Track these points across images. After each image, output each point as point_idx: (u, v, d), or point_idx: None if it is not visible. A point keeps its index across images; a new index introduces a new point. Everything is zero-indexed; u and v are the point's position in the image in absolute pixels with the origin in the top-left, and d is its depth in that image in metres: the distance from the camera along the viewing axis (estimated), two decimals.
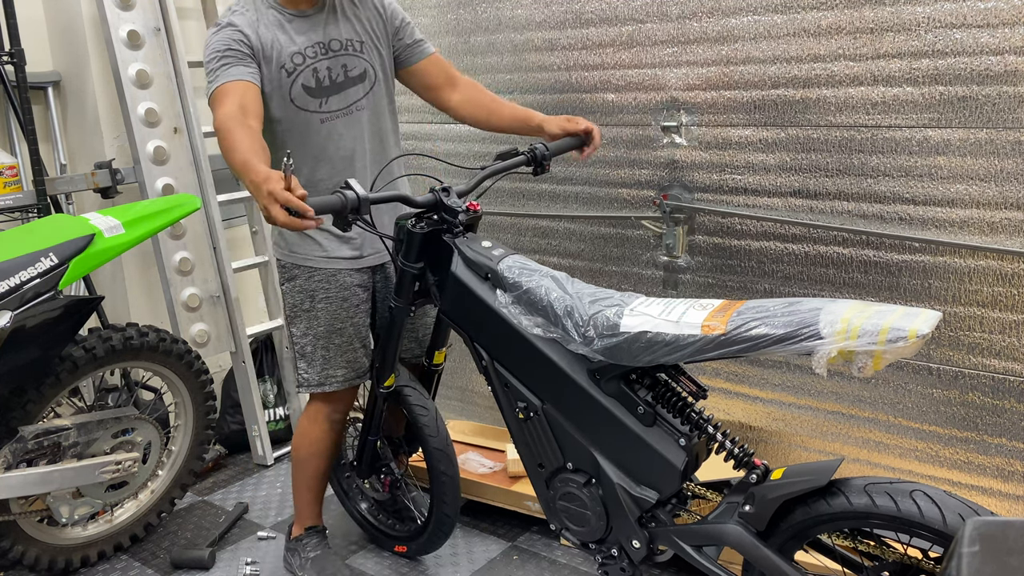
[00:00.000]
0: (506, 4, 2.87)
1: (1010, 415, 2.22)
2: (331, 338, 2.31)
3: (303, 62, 2.18)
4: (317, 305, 2.30)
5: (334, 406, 2.39)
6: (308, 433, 2.41)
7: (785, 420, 2.58)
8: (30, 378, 2.36)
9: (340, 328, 2.31)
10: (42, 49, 3.18)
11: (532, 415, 1.97)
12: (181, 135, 3.11)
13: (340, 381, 2.34)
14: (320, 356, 2.32)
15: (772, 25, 2.36)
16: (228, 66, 2.07)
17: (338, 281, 2.30)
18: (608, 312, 1.80)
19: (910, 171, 2.25)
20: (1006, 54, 2.06)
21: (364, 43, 2.28)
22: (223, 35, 2.10)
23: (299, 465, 2.45)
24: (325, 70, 2.21)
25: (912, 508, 1.54)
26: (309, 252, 2.29)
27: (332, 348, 2.31)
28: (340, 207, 1.84)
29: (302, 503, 2.51)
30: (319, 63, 2.20)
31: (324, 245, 2.29)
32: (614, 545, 1.95)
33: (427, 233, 2.07)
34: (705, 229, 2.61)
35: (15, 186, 2.87)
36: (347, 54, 2.24)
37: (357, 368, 2.36)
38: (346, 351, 2.32)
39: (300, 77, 2.17)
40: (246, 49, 2.10)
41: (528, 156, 2.25)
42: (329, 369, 2.33)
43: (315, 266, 2.29)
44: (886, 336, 1.45)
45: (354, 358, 2.34)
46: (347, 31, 2.25)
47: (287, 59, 2.16)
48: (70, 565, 2.57)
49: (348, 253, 2.30)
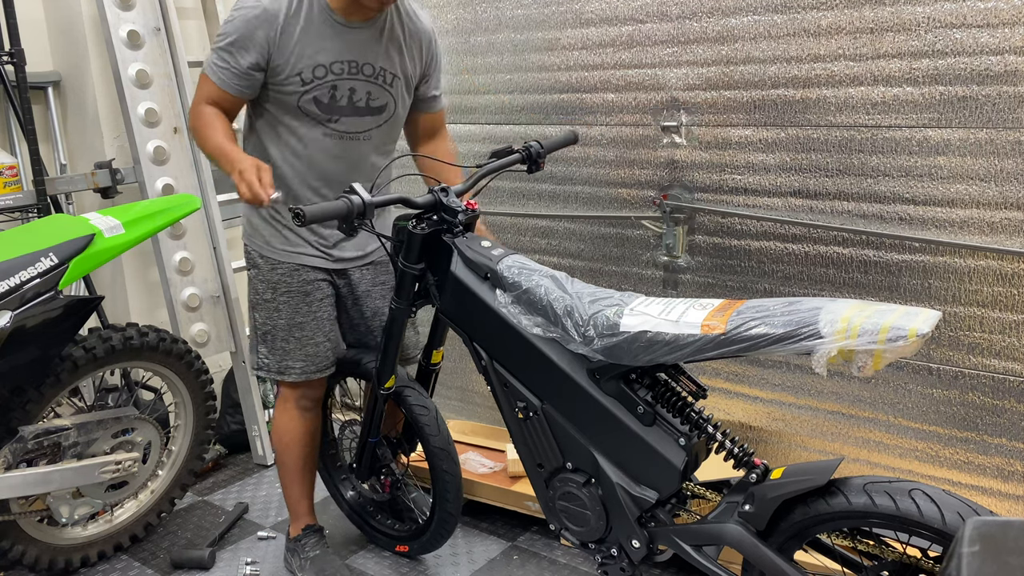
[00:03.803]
0: (506, 4, 2.87)
1: (1010, 415, 2.22)
2: (291, 331, 2.31)
3: (324, 76, 2.12)
4: (279, 298, 2.30)
5: (301, 393, 2.40)
6: (279, 423, 2.44)
7: (785, 420, 2.58)
8: (30, 378, 2.36)
9: (301, 323, 2.31)
10: (42, 49, 3.18)
11: (531, 415, 1.97)
12: (181, 135, 3.11)
13: (298, 373, 2.34)
14: (280, 347, 2.32)
15: (772, 25, 2.36)
16: (230, 64, 2.08)
17: (300, 276, 2.29)
18: (608, 312, 1.80)
19: (910, 171, 2.25)
20: (1006, 54, 2.06)
21: (398, 78, 2.23)
22: (246, 18, 2.05)
23: (279, 458, 2.48)
24: (347, 90, 2.15)
25: (911, 507, 1.54)
26: (273, 242, 2.29)
27: (292, 341, 2.31)
28: (346, 212, 1.84)
29: (291, 500, 2.52)
30: (341, 81, 2.14)
31: (289, 238, 2.28)
32: (614, 545, 1.95)
33: (428, 234, 2.07)
34: (705, 229, 2.61)
35: (15, 186, 2.87)
36: (375, 83, 2.19)
37: (318, 362, 2.35)
38: (306, 345, 2.32)
39: (314, 91, 2.13)
40: (257, 51, 2.06)
41: (523, 154, 2.25)
42: (288, 360, 2.33)
43: (278, 258, 2.29)
44: (886, 335, 1.45)
45: (315, 352, 2.33)
46: (387, 60, 2.19)
47: (307, 69, 2.10)
48: (70, 565, 2.57)
49: (312, 251, 2.30)
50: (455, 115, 3.09)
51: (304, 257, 2.29)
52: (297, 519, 2.53)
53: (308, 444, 2.45)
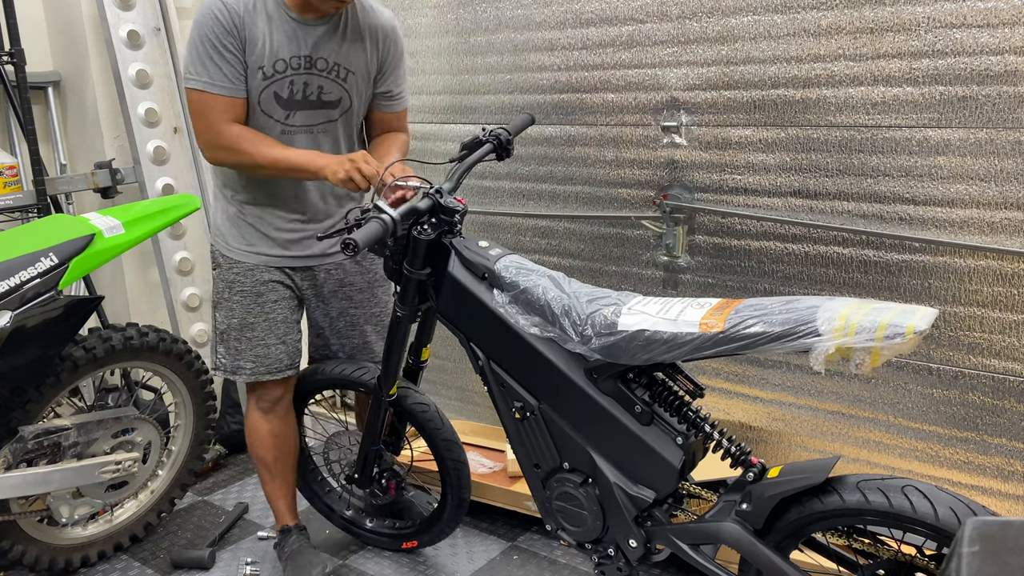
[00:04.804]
0: (506, 4, 2.87)
1: (1010, 415, 2.22)
2: (243, 331, 2.32)
3: (284, 70, 2.13)
4: (234, 297, 2.31)
5: (258, 394, 2.41)
6: (246, 424, 2.47)
7: (785, 420, 2.58)
8: (30, 378, 2.36)
9: (252, 323, 2.31)
10: (42, 49, 3.19)
11: (528, 415, 1.97)
12: (181, 135, 3.12)
13: (248, 373, 2.34)
14: (233, 347, 2.35)
15: (772, 25, 2.36)
16: (222, 70, 2.06)
17: (254, 276, 2.30)
18: (606, 311, 1.80)
19: (910, 171, 2.24)
20: (1006, 54, 2.06)
21: (353, 73, 2.22)
22: (214, 18, 2.04)
23: (252, 458, 2.50)
24: (301, 84, 2.16)
25: (904, 503, 1.54)
26: (232, 242, 2.30)
27: (244, 340, 2.33)
28: (383, 233, 1.85)
29: (268, 500, 2.54)
30: (298, 76, 2.15)
31: (247, 237, 2.29)
32: (611, 545, 1.95)
33: (432, 239, 2.04)
34: (705, 229, 2.61)
35: (15, 186, 2.87)
36: (328, 78, 2.19)
37: (268, 363, 2.34)
38: (256, 346, 2.33)
39: (274, 85, 2.13)
40: (234, 46, 2.06)
41: (493, 143, 2.22)
42: (239, 360, 2.35)
43: (235, 258, 2.30)
44: (884, 332, 1.45)
45: (265, 353, 2.33)
46: (340, 55, 2.18)
47: (268, 63, 2.10)
48: (70, 565, 2.57)
49: (268, 250, 2.30)
50: (455, 115, 3.10)
51: (260, 257, 2.29)
52: (276, 519, 2.56)
53: (272, 446, 2.45)
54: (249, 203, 2.27)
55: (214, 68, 2.06)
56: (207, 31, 2.05)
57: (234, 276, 2.31)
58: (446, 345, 3.31)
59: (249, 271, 2.30)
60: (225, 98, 2.09)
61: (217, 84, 2.08)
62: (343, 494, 2.71)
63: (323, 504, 2.70)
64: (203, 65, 2.06)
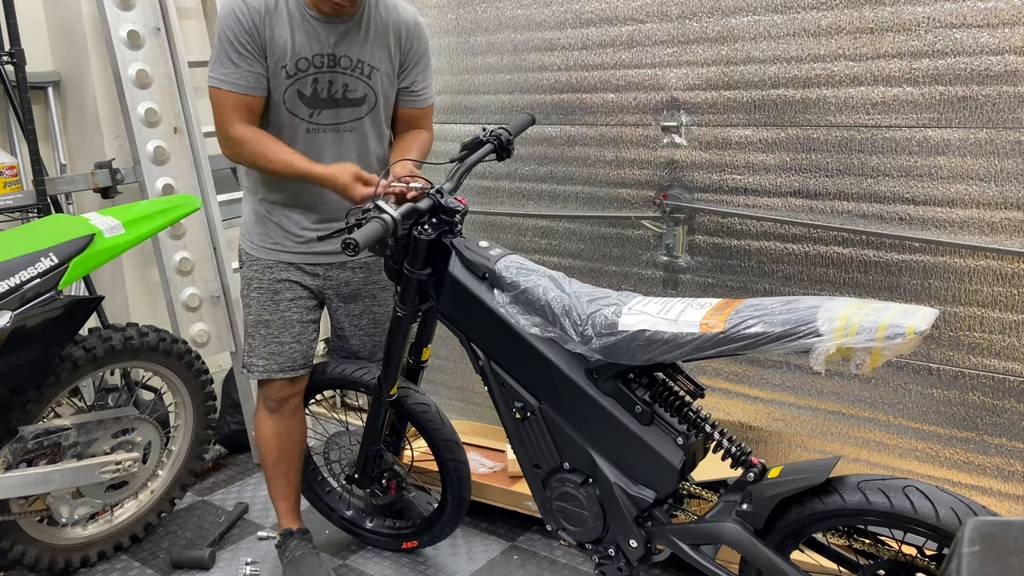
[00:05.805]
0: (506, 4, 2.87)
1: (1010, 415, 2.22)
2: (258, 328, 2.34)
3: (307, 69, 2.14)
4: (251, 294, 2.34)
5: (266, 392, 2.41)
6: (254, 422, 2.48)
7: (785, 420, 2.58)
8: (30, 378, 2.36)
9: (267, 320, 2.33)
10: (42, 49, 3.18)
11: (529, 415, 1.97)
12: (181, 135, 3.11)
13: (260, 370, 2.36)
14: (248, 343, 2.37)
15: (772, 25, 2.36)
16: (243, 67, 2.08)
17: (271, 274, 2.31)
18: (606, 311, 1.80)
19: (910, 171, 2.24)
20: (1006, 54, 2.06)
21: (377, 70, 2.23)
22: (234, 16, 2.07)
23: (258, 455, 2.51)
24: (326, 83, 2.17)
25: (905, 504, 1.54)
26: (255, 240, 2.33)
27: (258, 338, 2.35)
28: (384, 233, 1.84)
29: (272, 500, 2.54)
30: (321, 74, 2.16)
31: (270, 234, 2.31)
32: (611, 545, 1.95)
33: (433, 239, 2.04)
34: (705, 229, 2.61)
35: (15, 186, 2.87)
36: (352, 75, 2.20)
37: (280, 361, 2.35)
38: (270, 343, 2.34)
39: (298, 83, 2.15)
40: (252, 45, 2.08)
41: (494, 143, 2.23)
42: (252, 357, 2.37)
43: (255, 255, 2.33)
44: (884, 333, 1.45)
45: (278, 351, 2.34)
46: (364, 52, 2.20)
47: (291, 62, 2.13)
48: (70, 565, 2.57)
49: (291, 247, 2.31)
50: (455, 115, 3.10)
51: (279, 253, 2.31)
52: (279, 520, 2.55)
53: (276, 447, 2.45)
54: (277, 203, 2.29)
55: (230, 66, 2.09)
56: (226, 29, 2.08)
57: (252, 273, 2.33)
58: (446, 345, 3.31)
59: (267, 268, 2.31)
60: (237, 95, 2.12)
61: (230, 81, 2.11)
62: (343, 494, 2.71)
63: (323, 504, 2.70)
64: (220, 63, 2.10)
